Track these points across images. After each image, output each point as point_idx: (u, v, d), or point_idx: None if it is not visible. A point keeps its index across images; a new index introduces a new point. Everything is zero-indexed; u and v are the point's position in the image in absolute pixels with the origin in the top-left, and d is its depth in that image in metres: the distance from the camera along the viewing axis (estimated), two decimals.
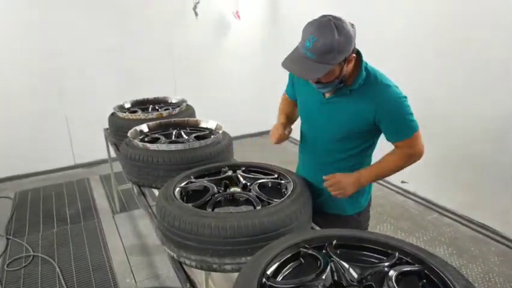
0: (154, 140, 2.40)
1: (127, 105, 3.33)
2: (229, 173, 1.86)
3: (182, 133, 2.53)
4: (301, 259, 1.19)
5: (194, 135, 2.47)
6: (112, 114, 3.10)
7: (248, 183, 1.76)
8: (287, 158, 3.52)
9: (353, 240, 1.24)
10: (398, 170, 1.66)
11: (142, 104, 3.37)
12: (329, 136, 1.69)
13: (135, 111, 3.15)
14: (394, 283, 1.04)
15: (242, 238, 1.37)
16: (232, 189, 1.73)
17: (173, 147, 2.15)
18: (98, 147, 4.52)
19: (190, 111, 3.12)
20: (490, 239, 3.16)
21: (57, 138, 4.74)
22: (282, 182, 1.76)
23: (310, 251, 1.18)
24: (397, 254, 1.15)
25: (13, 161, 4.54)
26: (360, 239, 1.24)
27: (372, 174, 1.65)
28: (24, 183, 4.50)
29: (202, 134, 2.53)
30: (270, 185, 1.77)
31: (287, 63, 1.46)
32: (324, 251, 1.19)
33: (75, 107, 4.72)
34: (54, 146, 4.74)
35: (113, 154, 3.31)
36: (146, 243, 3.23)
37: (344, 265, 1.13)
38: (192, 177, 1.85)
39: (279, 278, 1.14)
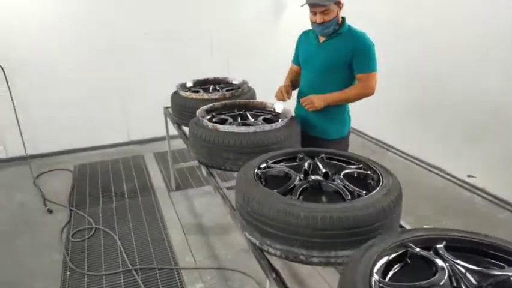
0: (222, 121, 2.35)
1: (189, 84, 3.30)
2: (308, 160, 1.79)
3: (248, 115, 2.47)
4: (408, 260, 1.11)
5: (261, 117, 2.40)
6: (175, 92, 3.08)
7: (330, 172, 1.67)
8: None
9: (466, 242, 1.14)
10: (356, 98, 2.33)
11: (202, 84, 3.33)
12: (323, 68, 2.34)
13: (197, 91, 3.11)
14: None
15: (334, 231, 1.30)
16: (314, 177, 1.64)
17: (244, 129, 2.10)
18: (151, 125, 4.62)
19: (251, 92, 3.04)
20: None
21: (112, 114, 4.84)
22: (368, 172, 1.67)
23: (419, 252, 1.10)
24: None
25: (71, 135, 4.70)
26: (475, 242, 1.13)
27: (336, 95, 2.32)
28: (82, 157, 4.65)
29: (269, 117, 2.45)
30: (355, 175, 1.68)
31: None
32: (432, 252, 1.10)
33: (131, 84, 4.78)
34: (110, 122, 4.85)
35: (172, 132, 3.32)
36: (202, 223, 3.24)
37: (461, 269, 1.03)
38: (269, 161, 1.78)
39: (387, 278, 1.06)
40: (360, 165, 1.73)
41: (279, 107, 2.51)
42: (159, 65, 4.79)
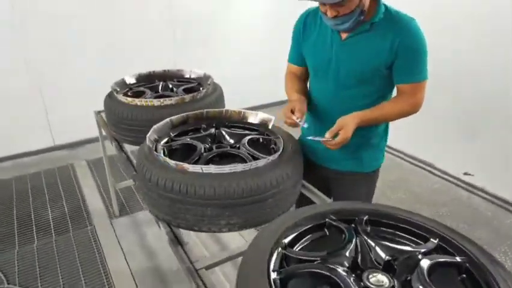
0: (187, 151, 1.56)
1: (130, 80, 2.40)
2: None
3: (225, 135, 1.70)
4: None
5: (246, 138, 1.64)
6: (110, 96, 2.19)
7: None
8: None
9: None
10: (397, 118, 1.56)
11: (148, 80, 2.44)
12: (347, 81, 1.52)
13: (141, 92, 2.25)
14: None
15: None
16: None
17: (227, 168, 1.34)
18: (82, 125, 3.66)
19: (218, 92, 2.24)
20: None
21: (31, 111, 3.78)
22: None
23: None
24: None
25: None
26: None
27: (372, 114, 1.50)
28: None
29: (255, 135, 1.70)
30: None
31: None
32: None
33: (49, 77, 3.73)
34: (27, 122, 3.78)
35: (110, 151, 2.45)
36: (159, 266, 2.46)
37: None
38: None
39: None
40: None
41: (264, 117, 1.76)
42: (86, 52, 3.79)
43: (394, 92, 1.59)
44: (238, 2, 4.48)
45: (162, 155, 1.48)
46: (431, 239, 1.02)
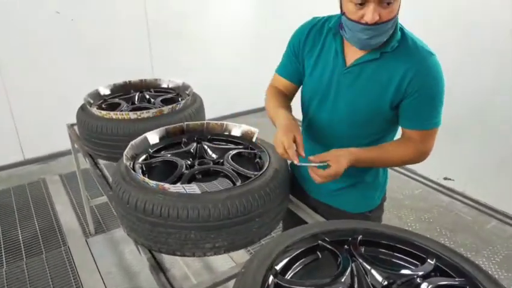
0: (169, 168, 1.47)
1: (104, 91, 2.28)
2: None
3: (207, 149, 1.62)
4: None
5: (230, 153, 1.56)
6: (82, 108, 2.08)
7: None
8: None
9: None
10: (399, 165, 1.43)
11: (124, 90, 2.33)
12: (350, 118, 1.31)
13: (117, 104, 2.14)
14: None
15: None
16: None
17: (212, 187, 1.27)
18: (55, 137, 3.50)
19: (198, 103, 2.15)
20: None
21: None
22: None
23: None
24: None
25: None
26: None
27: (368, 161, 1.30)
28: None
29: (241, 149, 1.62)
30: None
31: None
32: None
33: (18, 87, 3.55)
34: None
35: (84, 165, 2.32)
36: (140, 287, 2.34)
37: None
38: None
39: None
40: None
41: (248, 129, 1.68)
42: (56, 55, 3.63)
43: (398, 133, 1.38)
44: (216, 8, 4.40)
45: (141, 174, 1.39)
46: (429, 260, 0.97)
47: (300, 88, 1.48)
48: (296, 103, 1.50)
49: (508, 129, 2.81)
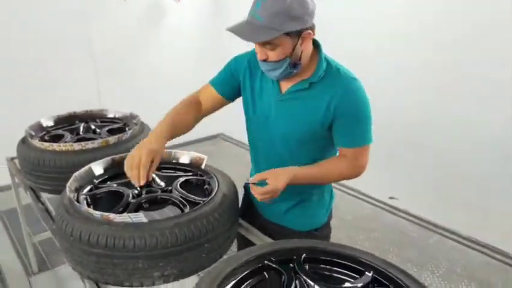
0: (111, 196, 1.45)
1: (47, 123, 2.21)
2: None
3: (157, 179, 1.62)
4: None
5: (179, 180, 1.57)
6: (23, 141, 2.00)
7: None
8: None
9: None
10: (336, 180, 1.49)
11: (68, 122, 2.27)
12: (289, 139, 1.43)
13: (60, 136, 2.08)
14: None
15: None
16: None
17: (160, 215, 1.27)
18: None
19: (145, 132, 2.14)
20: (507, 266, 2.77)
21: None
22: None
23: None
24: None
25: None
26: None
27: (307, 178, 1.38)
28: None
29: (190, 176, 1.63)
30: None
31: (233, 27, 1.25)
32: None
33: None
34: None
35: (26, 200, 2.21)
36: None
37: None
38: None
39: None
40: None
41: (196, 156, 1.70)
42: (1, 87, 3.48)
43: None
44: (164, 40, 4.44)
45: (85, 205, 1.36)
46: (366, 272, 1.04)
47: (244, 112, 1.57)
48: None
49: (440, 149, 3.06)
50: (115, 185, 1.51)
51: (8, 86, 3.53)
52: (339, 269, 1.09)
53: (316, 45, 1.39)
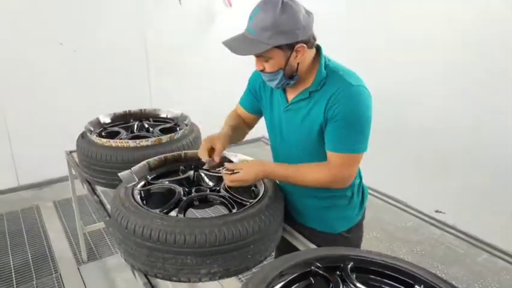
0: (165, 195, 1.51)
1: (104, 120, 2.34)
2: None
3: (205, 177, 1.67)
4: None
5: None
6: (83, 136, 2.13)
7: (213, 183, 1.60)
8: None
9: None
10: (312, 185, 1.40)
11: (123, 119, 2.40)
12: (303, 145, 1.46)
13: (117, 132, 2.20)
14: None
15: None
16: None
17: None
18: (49, 164, 3.52)
19: (195, 132, 2.22)
20: None
21: None
22: None
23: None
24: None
25: None
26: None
27: (281, 176, 1.42)
28: None
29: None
30: None
31: (227, 40, 1.32)
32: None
33: (17, 112, 3.61)
34: None
35: (79, 191, 2.35)
36: None
37: None
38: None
39: None
40: None
41: (243, 159, 1.73)
42: (56, 84, 3.71)
43: None
44: (214, 42, 4.54)
45: (139, 199, 1.43)
46: (416, 286, 1.01)
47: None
48: None
49: (491, 164, 2.91)
50: (166, 182, 1.57)
51: (70, 85, 3.76)
52: (387, 281, 1.07)
53: (317, 49, 1.40)
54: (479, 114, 2.95)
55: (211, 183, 1.63)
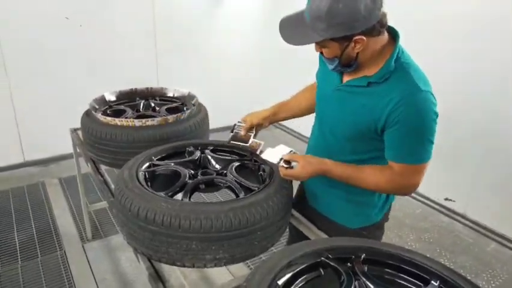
0: (170, 178, 1.46)
1: (110, 97, 2.28)
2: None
3: (213, 161, 1.62)
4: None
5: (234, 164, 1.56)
6: (87, 114, 2.08)
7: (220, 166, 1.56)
8: None
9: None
10: (373, 190, 1.36)
11: (129, 97, 2.33)
12: (337, 132, 1.37)
13: (122, 111, 2.15)
14: None
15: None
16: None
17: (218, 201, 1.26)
18: (55, 140, 3.49)
19: (202, 113, 2.15)
20: None
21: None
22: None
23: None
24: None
25: None
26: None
27: (341, 176, 1.31)
28: None
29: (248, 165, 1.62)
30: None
31: (284, 20, 1.24)
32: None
33: (23, 89, 3.56)
34: None
35: (85, 169, 2.32)
36: None
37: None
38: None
39: None
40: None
41: (252, 142, 1.66)
42: (62, 58, 3.65)
43: None
44: (223, 22, 4.43)
45: (144, 181, 1.38)
46: (432, 281, 0.96)
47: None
48: None
49: (504, 153, 2.82)
50: (172, 164, 1.52)
51: (76, 61, 3.70)
52: (400, 274, 1.02)
53: (393, 36, 1.25)
54: (492, 102, 2.85)
55: (218, 166, 1.58)
